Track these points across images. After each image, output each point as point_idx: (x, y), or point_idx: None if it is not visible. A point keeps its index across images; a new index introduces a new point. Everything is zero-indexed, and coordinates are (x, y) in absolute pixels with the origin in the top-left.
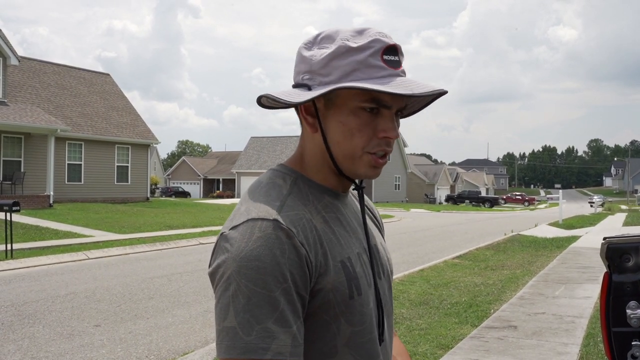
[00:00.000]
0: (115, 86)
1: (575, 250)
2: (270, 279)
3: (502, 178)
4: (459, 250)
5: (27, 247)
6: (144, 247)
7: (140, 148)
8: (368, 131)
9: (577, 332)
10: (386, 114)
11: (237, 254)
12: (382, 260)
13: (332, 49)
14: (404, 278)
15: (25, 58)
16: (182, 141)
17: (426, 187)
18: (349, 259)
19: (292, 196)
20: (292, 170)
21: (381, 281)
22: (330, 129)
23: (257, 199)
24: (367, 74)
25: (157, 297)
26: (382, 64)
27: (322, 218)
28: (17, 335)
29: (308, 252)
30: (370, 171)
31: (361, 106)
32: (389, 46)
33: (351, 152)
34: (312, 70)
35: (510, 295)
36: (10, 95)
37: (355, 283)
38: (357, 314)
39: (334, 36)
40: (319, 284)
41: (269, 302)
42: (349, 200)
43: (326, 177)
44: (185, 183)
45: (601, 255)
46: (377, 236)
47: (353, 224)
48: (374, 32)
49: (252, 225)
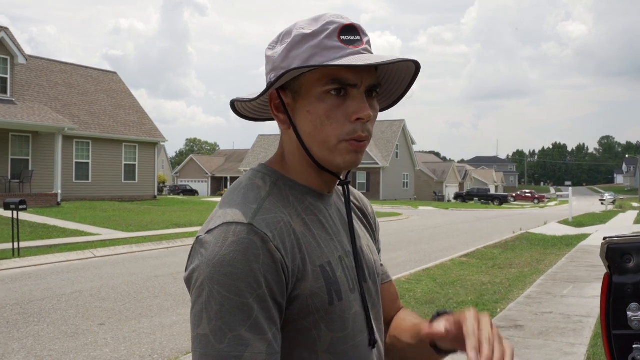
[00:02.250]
0: (122, 84)
1: (585, 249)
2: (243, 285)
3: (512, 175)
4: (466, 248)
5: (34, 245)
6: (150, 246)
7: (147, 146)
8: (338, 116)
9: (584, 332)
10: (355, 94)
11: (211, 259)
12: (369, 262)
13: (289, 41)
14: (410, 277)
15: (32, 57)
16: (190, 139)
17: (435, 185)
18: (329, 263)
19: (270, 198)
20: (273, 171)
21: (367, 284)
22: (300, 122)
23: (234, 202)
24: (326, 57)
25: (162, 296)
26: (340, 44)
27: (302, 221)
28: (22, 334)
29: (284, 257)
30: (348, 157)
31: (325, 90)
32: (345, 26)
33: (325, 141)
34: (274, 67)
35: (518, 294)
36: (18, 94)
37: (336, 288)
38: (337, 320)
39: (292, 29)
40: (296, 290)
41: (242, 309)
42: (334, 200)
43: (308, 177)
44: (193, 181)
45: (601, 255)
46: (363, 237)
47: (336, 226)
48: (329, 16)
49: (226, 230)
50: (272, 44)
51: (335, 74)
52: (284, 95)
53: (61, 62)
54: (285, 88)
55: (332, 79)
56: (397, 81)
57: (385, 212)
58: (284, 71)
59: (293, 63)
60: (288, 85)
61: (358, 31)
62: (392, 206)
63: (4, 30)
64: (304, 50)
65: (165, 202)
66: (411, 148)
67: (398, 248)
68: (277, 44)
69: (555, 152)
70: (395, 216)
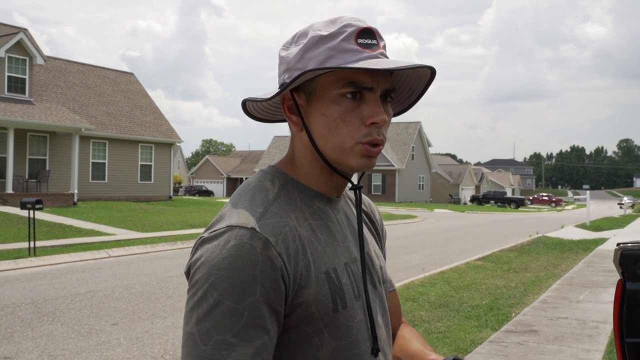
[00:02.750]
0: (139, 85)
1: (602, 253)
2: (237, 290)
3: (529, 178)
4: (482, 251)
5: (50, 244)
6: (164, 246)
7: (163, 147)
8: (353, 120)
9: (600, 338)
10: (370, 97)
11: (209, 260)
12: (376, 269)
13: (305, 42)
14: (424, 279)
15: (50, 58)
16: (206, 140)
17: (451, 188)
18: (334, 269)
19: (278, 201)
20: (283, 173)
21: (376, 290)
22: (314, 124)
23: (240, 204)
24: (342, 59)
25: (175, 296)
26: (357, 47)
27: (308, 226)
28: (36, 333)
29: (286, 263)
30: (362, 162)
31: (341, 93)
32: (363, 29)
33: (340, 144)
34: (289, 67)
35: (533, 298)
36: (36, 95)
37: (340, 295)
38: (342, 327)
39: (308, 30)
40: (299, 297)
41: (232, 314)
42: (342, 205)
43: (317, 180)
44: (209, 182)
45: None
46: (370, 243)
47: (344, 231)
48: (347, 18)
49: (229, 233)
50: (287, 45)
51: (352, 77)
52: (298, 97)
53: (79, 63)
54: (299, 89)
55: (349, 82)
56: (411, 86)
57: (400, 214)
58: (300, 72)
59: (309, 64)
60: (302, 86)
61: (375, 35)
62: (408, 208)
63: (23, 32)
64: (320, 52)
65: (181, 202)
66: (427, 150)
67: (413, 251)
68: (292, 44)
69: (573, 155)
70: (410, 219)
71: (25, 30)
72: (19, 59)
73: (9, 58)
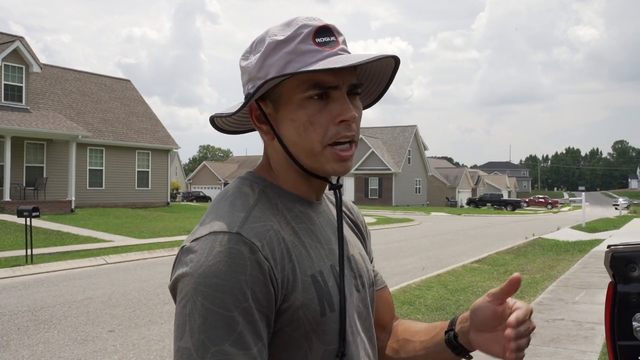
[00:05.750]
0: (135, 92)
1: (598, 254)
2: (228, 297)
3: (525, 181)
4: (478, 254)
5: (47, 252)
6: (162, 252)
7: (160, 153)
8: (322, 120)
9: (596, 340)
10: (337, 95)
11: (196, 269)
12: (361, 271)
13: (263, 49)
14: (421, 283)
15: (47, 65)
16: (204, 146)
17: (447, 191)
18: (320, 272)
19: (259, 206)
20: (261, 178)
21: (360, 293)
22: (284, 131)
23: (221, 210)
24: (302, 62)
25: (171, 303)
26: (315, 47)
27: (291, 229)
28: (32, 341)
29: (273, 267)
30: (336, 166)
31: (306, 96)
32: (319, 28)
33: (310, 148)
34: (251, 77)
35: (529, 300)
36: (33, 102)
37: (328, 299)
38: (330, 331)
39: (265, 36)
40: (286, 301)
41: (226, 322)
42: (323, 208)
43: (296, 184)
44: (207, 188)
45: (605, 264)
46: (354, 245)
47: (327, 234)
48: (301, 19)
49: (213, 239)
50: (246, 54)
51: (315, 78)
52: (264, 106)
53: (75, 71)
54: (264, 98)
55: (312, 84)
56: (377, 78)
57: (397, 218)
58: (261, 82)
59: (270, 72)
60: (267, 95)
61: (333, 32)
62: (405, 212)
63: (19, 40)
64: (279, 58)
65: (178, 208)
66: (423, 154)
67: (409, 254)
68: (251, 53)
69: (569, 157)
70: (407, 222)
71: (21, 38)
72: (15, 67)
73: (6, 66)
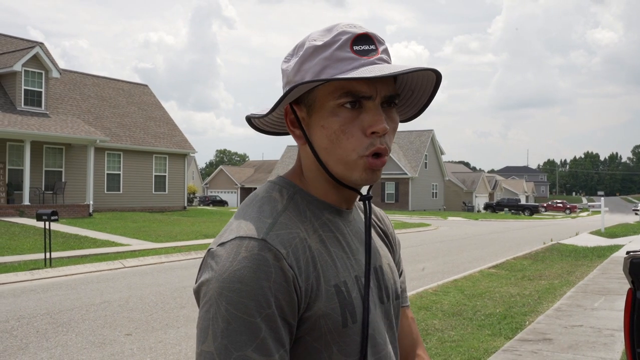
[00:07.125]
0: (152, 97)
1: (617, 260)
2: (252, 303)
3: (543, 185)
4: (495, 259)
5: (66, 255)
6: (179, 256)
7: (177, 158)
8: (354, 130)
9: (616, 347)
10: (370, 106)
11: (221, 274)
12: (388, 282)
13: (301, 53)
14: (438, 288)
15: (66, 70)
16: (220, 150)
17: (464, 195)
18: (344, 283)
19: (287, 212)
20: (291, 184)
21: (384, 305)
22: (315, 136)
23: (249, 215)
24: (338, 69)
25: (188, 306)
26: (353, 54)
27: (318, 237)
28: (51, 344)
29: (297, 275)
30: (366, 175)
31: (338, 103)
32: (358, 35)
33: (343, 157)
34: (288, 80)
35: (547, 306)
36: (52, 107)
37: (350, 310)
38: (351, 343)
39: (305, 40)
40: (309, 310)
41: (249, 328)
42: (353, 216)
43: (326, 192)
44: (223, 192)
45: (624, 270)
46: (383, 256)
47: (354, 243)
48: (342, 25)
49: (239, 244)
50: (288, 57)
51: (349, 87)
52: (299, 110)
53: (93, 76)
54: (299, 102)
55: (345, 91)
56: (419, 90)
57: (414, 222)
58: (292, 85)
59: (305, 76)
60: (302, 99)
61: (373, 40)
62: (421, 216)
63: (39, 45)
64: (315, 63)
65: (195, 212)
66: (440, 158)
67: (426, 259)
68: (292, 56)
69: (587, 162)
70: (424, 227)
71: (41, 44)
72: (35, 72)
73: (25, 72)
